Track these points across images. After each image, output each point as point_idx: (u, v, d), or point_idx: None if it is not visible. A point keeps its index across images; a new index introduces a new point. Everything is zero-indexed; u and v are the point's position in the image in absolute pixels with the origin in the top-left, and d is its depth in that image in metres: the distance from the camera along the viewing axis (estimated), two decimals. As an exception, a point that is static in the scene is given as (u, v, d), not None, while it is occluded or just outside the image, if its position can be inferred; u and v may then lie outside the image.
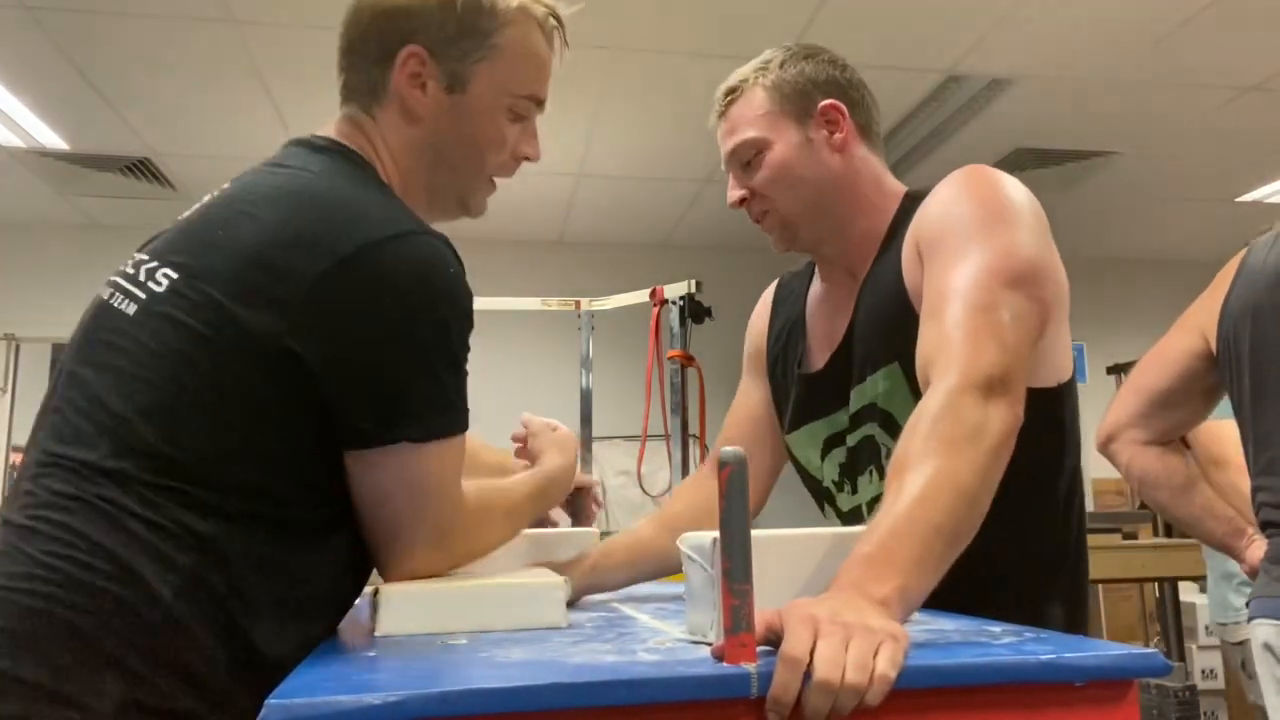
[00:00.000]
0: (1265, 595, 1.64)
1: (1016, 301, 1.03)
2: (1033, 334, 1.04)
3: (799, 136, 1.24)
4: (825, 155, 1.24)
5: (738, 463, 0.70)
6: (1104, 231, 5.94)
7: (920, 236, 1.15)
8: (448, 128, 1.06)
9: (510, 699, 0.64)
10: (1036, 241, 1.09)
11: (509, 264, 5.80)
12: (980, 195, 1.13)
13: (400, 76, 1.03)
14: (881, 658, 0.67)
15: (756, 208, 1.28)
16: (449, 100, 1.05)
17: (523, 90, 1.09)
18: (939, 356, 1.00)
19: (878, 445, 1.20)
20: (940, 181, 1.19)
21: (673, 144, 4.57)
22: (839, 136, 1.24)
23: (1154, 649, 0.76)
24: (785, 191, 1.24)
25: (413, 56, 1.03)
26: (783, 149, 1.23)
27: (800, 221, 1.26)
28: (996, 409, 0.94)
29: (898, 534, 0.83)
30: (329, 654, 0.84)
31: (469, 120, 1.06)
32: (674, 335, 3.17)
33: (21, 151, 4.55)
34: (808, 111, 1.24)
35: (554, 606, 0.97)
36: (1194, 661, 3.91)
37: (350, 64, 1.07)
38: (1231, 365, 1.70)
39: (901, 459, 0.91)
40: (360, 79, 1.06)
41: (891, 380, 1.16)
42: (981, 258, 1.05)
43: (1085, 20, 3.56)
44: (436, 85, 1.04)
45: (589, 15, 1.15)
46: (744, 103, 1.26)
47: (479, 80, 1.05)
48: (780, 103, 1.24)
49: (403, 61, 1.03)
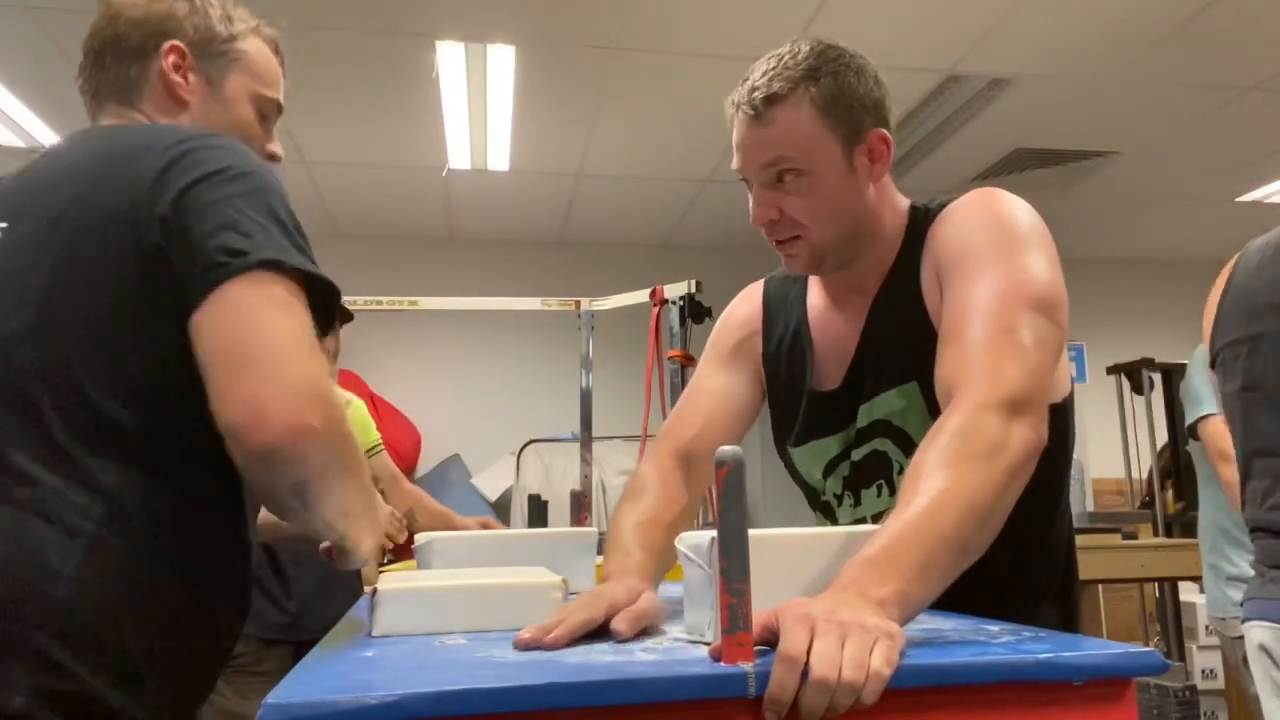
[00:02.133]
0: (1259, 597, 1.64)
1: (1038, 324, 1.03)
2: (1053, 357, 1.04)
3: (844, 165, 1.16)
4: (862, 184, 1.18)
5: (735, 462, 0.70)
6: (1104, 231, 5.93)
7: (939, 260, 1.15)
8: (211, 112, 1.16)
9: (508, 699, 0.64)
10: (1052, 265, 1.09)
11: (509, 264, 5.80)
12: (995, 219, 1.13)
13: (165, 65, 1.14)
14: (877, 656, 0.67)
15: (785, 232, 1.19)
16: (209, 90, 1.16)
17: (266, 92, 1.21)
18: (961, 375, 1.00)
19: (890, 461, 1.20)
20: (953, 203, 1.19)
21: (673, 144, 4.57)
22: (879, 168, 1.19)
23: (1153, 648, 0.76)
24: (823, 223, 1.17)
25: (174, 50, 1.14)
26: (828, 178, 1.15)
27: (830, 251, 1.20)
28: (1019, 428, 0.94)
29: (904, 540, 0.83)
30: (326, 654, 0.84)
31: (228, 107, 1.17)
32: (674, 335, 3.17)
33: (22, 151, 4.55)
34: (855, 136, 1.16)
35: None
36: (1194, 661, 3.91)
37: (99, 65, 1.15)
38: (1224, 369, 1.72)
39: (916, 470, 0.91)
40: (110, 77, 1.15)
41: (908, 399, 1.16)
42: (1002, 280, 1.05)
43: (1085, 20, 3.56)
44: (197, 77, 1.16)
45: (589, 15, 1.15)
46: (790, 113, 1.14)
47: (231, 78, 1.18)
48: (830, 124, 1.14)
49: (165, 53, 1.13)
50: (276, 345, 0.91)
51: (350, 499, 0.98)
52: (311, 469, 0.92)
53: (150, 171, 0.97)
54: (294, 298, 0.96)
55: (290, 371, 0.91)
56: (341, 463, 0.96)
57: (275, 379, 0.90)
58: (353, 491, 0.99)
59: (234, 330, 0.91)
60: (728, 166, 1.27)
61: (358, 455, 1.01)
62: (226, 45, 1.17)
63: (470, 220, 5.60)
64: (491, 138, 4.44)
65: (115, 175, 0.99)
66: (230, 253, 0.93)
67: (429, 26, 3.49)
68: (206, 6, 1.17)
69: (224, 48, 1.17)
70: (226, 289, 0.92)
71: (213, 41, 1.16)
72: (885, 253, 1.22)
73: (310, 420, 0.90)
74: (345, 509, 0.98)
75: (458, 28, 3.52)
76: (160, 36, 1.13)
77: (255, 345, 0.91)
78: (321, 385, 0.93)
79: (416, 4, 3.35)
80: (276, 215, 0.98)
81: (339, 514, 0.98)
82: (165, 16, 1.14)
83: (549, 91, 4.02)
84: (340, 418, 0.95)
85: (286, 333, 0.92)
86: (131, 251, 0.95)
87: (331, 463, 0.94)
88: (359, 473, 1.01)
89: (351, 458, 0.99)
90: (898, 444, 1.18)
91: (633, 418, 3.79)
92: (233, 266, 0.92)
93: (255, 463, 0.91)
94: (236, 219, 0.95)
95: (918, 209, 1.24)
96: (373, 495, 1.06)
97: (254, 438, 0.89)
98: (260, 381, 0.90)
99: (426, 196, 5.21)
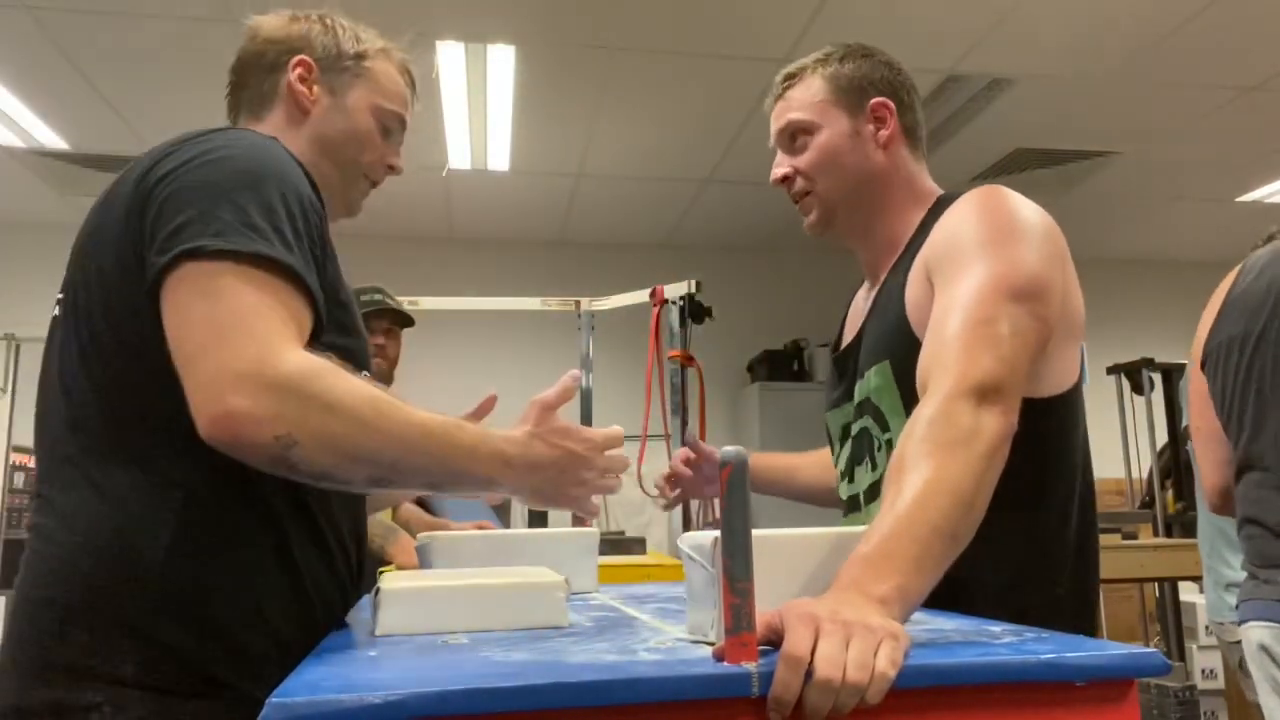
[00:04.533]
0: (1255, 598, 1.64)
1: (1017, 315, 1.04)
2: (1031, 348, 1.05)
3: (848, 127, 1.29)
4: (870, 149, 1.29)
5: (739, 462, 0.70)
6: (1104, 231, 5.94)
7: (929, 254, 1.18)
8: (332, 121, 1.21)
9: (511, 698, 0.64)
10: (1043, 259, 1.10)
11: (509, 264, 5.80)
12: (989, 213, 1.15)
13: (291, 77, 1.20)
14: (881, 656, 0.67)
15: (798, 187, 1.33)
16: (332, 100, 1.22)
17: (390, 107, 1.25)
18: (935, 365, 1.03)
19: (872, 438, 1.25)
20: (959, 197, 1.23)
21: (673, 144, 4.57)
22: (884, 133, 1.29)
23: (1154, 649, 0.76)
24: (827, 175, 1.30)
25: (301, 64, 1.20)
26: (831, 134, 1.29)
27: (839, 208, 1.31)
28: (989, 415, 0.96)
29: (897, 534, 0.84)
30: (330, 652, 0.84)
31: (349, 117, 1.22)
32: (674, 335, 3.17)
33: (21, 151, 4.55)
34: (860, 105, 1.30)
35: (555, 606, 0.97)
36: (1194, 661, 3.91)
37: (241, 81, 1.23)
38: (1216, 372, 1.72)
39: (898, 462, 0.93)
40: (250, 91, 1.22)
41: (881, 377, 1.21)
42: (985, 272, 1.07)
43: (1085, 20, 3.56)
44: (322, 89, 1.22)
45: (589, 15, 1.17)
46: (802, 87, 1.32)
47: (355, 92, 1.23)
48: (835, 93, 1.30)
49: (293, 66, 1.20)
50: (195, 341, 0.89)
51: (387, 458, 0.92)
52: (270, 447, 0.87)
53: (139, 168, 1.02)
54: (220, 278, 0.91)
55: (206, 365, 0.87)
56: (322, 433, 0.88)
57: (194, 378, 0.88)
58: (379, 452, 0.92)
59: (171, 333, 0.92)
60: (728, 166, 1.33)
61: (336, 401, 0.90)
62: (352, 62, 1.23)
63: (470, 220, 5.60)
64: (491, 138, 4.44)
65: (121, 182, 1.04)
66: (159, 249, 0.93)
67: (429, 26, 3.48)
68: (338, 28, 1.24)
69: (350, 64, 1.23)
70: (164, 291, 0.93)
71: (340, 58, 1.22)
72: (898, 239, 1.29)
73: (235, 405, 0.85)
74: (392, 469, 0.93)
75: (458, 28, 3.52)
76: (291, 53, 1.20)
77: (180, 347, 0.90)
78: (247, 363, 0.87)
79: (416, 4, 3.35)
80: (229, 197, 0.94)
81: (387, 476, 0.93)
82: (299, 35, 1.22)
83: (549, 91, 4.02)
84: (289, 375, 0.88)
85: (202, 323, 0.89)
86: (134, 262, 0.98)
87: (304, 437, 0.87)
88: (348, 418, 0.90)
89: (338, 421, 0.89)
90: (876, 421, 1.23)
91: (633, 418, 3.78)
92: (158, 265, 0.93)
93: (234, 458, 0.90)
94: (177, 207, 0.95)
95: (942, 199, 1.29)
96: (386, 400, 0.94)
97: (208, 438, 0.87)
98: (189, 384, 0.89)
99: (427, 196, 5.22)
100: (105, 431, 0.97)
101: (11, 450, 4.66)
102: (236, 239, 0.92)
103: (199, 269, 0.91)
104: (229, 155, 1.00)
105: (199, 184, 0.96)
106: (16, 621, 0.94)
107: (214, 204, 0.94)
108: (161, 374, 0.92)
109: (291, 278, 0.94)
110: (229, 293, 0.90)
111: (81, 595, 0.91)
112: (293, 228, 0.97)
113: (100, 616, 0.90)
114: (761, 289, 6.14)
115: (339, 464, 0.91)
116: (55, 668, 0.90)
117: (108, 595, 0.91)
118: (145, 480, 0.95)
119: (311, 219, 1.01)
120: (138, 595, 0.91)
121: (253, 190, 0.96)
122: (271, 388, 0.87)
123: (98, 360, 0.98)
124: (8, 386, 4.80)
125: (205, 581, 0.94)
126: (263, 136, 1.07)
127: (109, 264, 0.99)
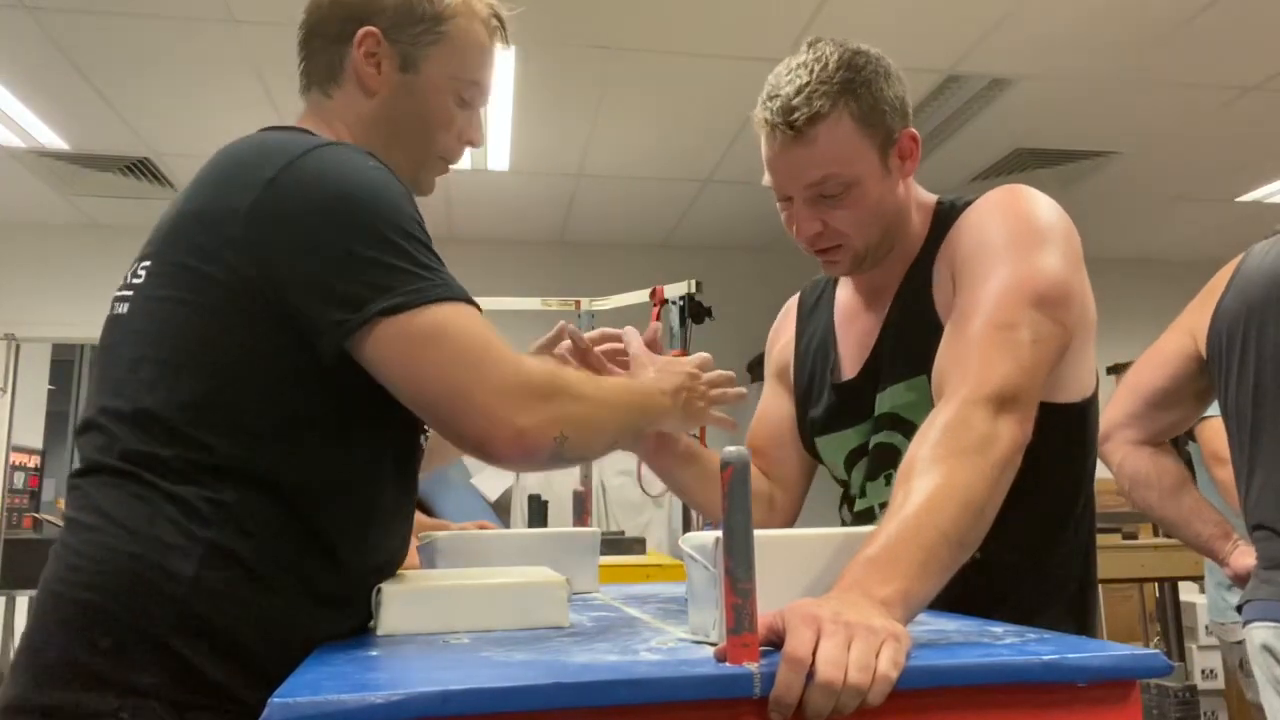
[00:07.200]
0: (1260, 598, 1.63)
1: (1039, 321, 1.03)
2: (1052, 355, 1.04)
3: (881, 169, 1.17)
4: (896, 184, 1.20)
5: (741, 462, 0.70)
6: (1104, 231, 5.93)
7: (954, 256, 1.16)
8: (401, 103, 1.12)
9: (512, 698, 0.64)
10: (1066, 264, 1.09)
11: (509, 264, 5.80)
12: (1014, 216, 1.13)
13: (358, 54, 1.10)
14: (883, 658, 0.67)
15: (828, 242, 1.21)
16: (402, 79, 1.11)
17: (469, 76, 1.15)
18: (954, 369, 1.01)
19: (897, 452, 1.20)
20: (977, 200, 1.20)
21: (673, 144, 4.57)
22: (910, 165, 1.21)
23: (1155, 649, 0.76)
24: (866, 229, 1.19)
25: (369, 36, 1.09)
26: (870, 187, 1.17)
27: (869, 253, 1.22)
28: (1006, 423, 0.95)
29: (903, 538, 0.83)
30: (331, 653, 0.84)
31: (420, 98, 1.12)
32: (674, 335, 3.17)
33: (21, 151, 4.54)
34: (885, 138, 1.17)
35: (556, 606, 0.97)
36: (1194, 661, 3.91)
37: (310, 50, 1.14)
38: (1222, 366, 1.70)
39: (909, 465, 0.92)
40: (319, 62, 1.13)
41: (916, 392, 1.17)
42: (1008, 276, 1.06)
43: (1085, 20, 3.56)
44: (390, 64, 1.11)
45: (589, 15, 1.16)
46: (832, 131, 1.14)
47: (429, 63, 1.12)
48: (868, 134, 1.16)
49: (359, 40, 1.09)
50: (449, 381, 0.93)
51: (616, 424, 1.07)
52: (551, 448, 0.95)
53: (239, 218, 0.95)
54: (432, 323, 0.93)
55: (478, 397, 0.92)
56: (580, 420, 0.99)
57: (470, 412, 0.92)
58: (612, 421, 1.06)
59: (407, 387, 0.94)
60: (728, 166, 1.29)
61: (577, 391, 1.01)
62: (428, 26, 1.10)
63: (470, 220, 5.60)
64: (491, 137, 4.43)
65: (208, 231, 0.98)
66: (342, 303, 0.92)
67: (429, 26, 3.48)
68: None
69: (425, 28, 1.10)
70: (365, 349, 0.92)
71: (414, 23, 1.10)
72: (910, 247, 1.24)
73: (523, 422, 0.93)
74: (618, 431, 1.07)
75: (458, 28, 3.51)
76: (357, 22, 1.09)
77: (425, 390, 0.93)
78: (513, 383, 0.93)
79: (417, 4, 3.34)
80: (385, 237, 0.95)
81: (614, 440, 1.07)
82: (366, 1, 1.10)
83: (549, 91, 4.02)
84: (543, 382, 0.96)
85: (448, 363, 0.93)
86: (220, 276, 0.95)
87: (570, 430, 0.96)
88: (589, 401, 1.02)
89: (585, 405, 1.01)
90: (907, 437, 1.18)
91: (633, 418, 3.78)
92: (350, 324, 0.92)
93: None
94: (342, 267, 0.93)
95: (943, 205, 1.25)
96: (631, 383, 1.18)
97: (501, 459, 0.95)
98: (464, 421, 0.93)
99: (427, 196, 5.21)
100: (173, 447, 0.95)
101: (11, 450, 4.66)
102: (426, 287, 0.94)
103: (406, 321, 0.92)
104: (355, 196, 0.96)
105: (348, 231, 0.94)
106: (44, 617, 0.93)
107: (381, 251, 0.94)
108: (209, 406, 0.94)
109: (466, 299, 0.98)
110: (451, 331, 0.94)
111: (114, 603, 0.90)
112: (433, 253, 0.99)
113: (128, 627, 0.89)
114: (761, 289, 6.12)
115: (593, 442, 1.04)
116: (78, 670, 0.89)
117: (139, 607, 0.90)
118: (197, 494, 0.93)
119: (426, 234, 1.01)
120: (169, 610, 0.90)
121: (395, 227, 0.96)
122: (539, 397, 0.95)
123: (175, 374, 0.96)
124: (8, 386, 4.80)
125: (232, 601, 0.92)
126: (361, 154, 1.01)
127: (219, 272, 0.95)
